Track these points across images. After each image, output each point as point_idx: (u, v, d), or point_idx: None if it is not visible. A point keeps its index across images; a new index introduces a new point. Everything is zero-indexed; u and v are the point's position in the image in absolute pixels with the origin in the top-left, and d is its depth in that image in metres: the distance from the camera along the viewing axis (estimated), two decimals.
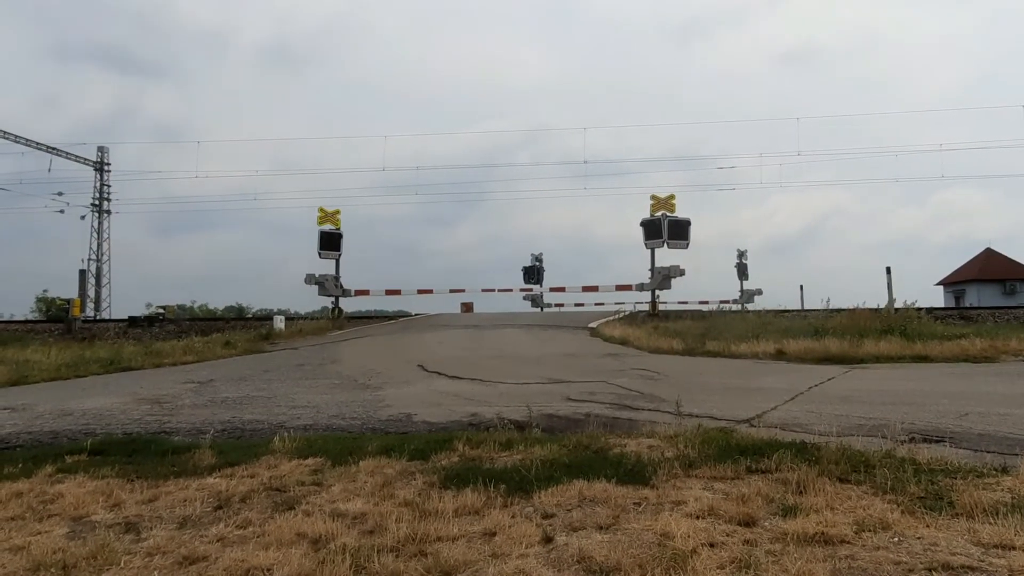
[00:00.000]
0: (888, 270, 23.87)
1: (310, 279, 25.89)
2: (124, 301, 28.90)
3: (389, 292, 27.34)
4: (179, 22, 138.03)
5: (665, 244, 23.05)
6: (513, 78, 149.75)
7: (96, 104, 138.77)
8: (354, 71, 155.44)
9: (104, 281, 43.21)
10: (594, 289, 26.28)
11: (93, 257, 42.37)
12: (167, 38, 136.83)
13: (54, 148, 41.74)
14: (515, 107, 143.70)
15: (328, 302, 26.73)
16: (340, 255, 24.96)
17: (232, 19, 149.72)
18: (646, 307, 24.74)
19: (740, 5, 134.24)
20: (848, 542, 3.41)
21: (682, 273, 24.35)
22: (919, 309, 18.82)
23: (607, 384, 9.90)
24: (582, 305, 27.98)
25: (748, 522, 3.77)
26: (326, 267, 25.90)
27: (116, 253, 44.11)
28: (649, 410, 7.84)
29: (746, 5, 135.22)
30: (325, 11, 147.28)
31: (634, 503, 4.23)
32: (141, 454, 6.24)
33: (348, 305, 27.57)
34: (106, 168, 45.19)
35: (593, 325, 20.04)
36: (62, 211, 42.11)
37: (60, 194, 42.08)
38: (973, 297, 35.49)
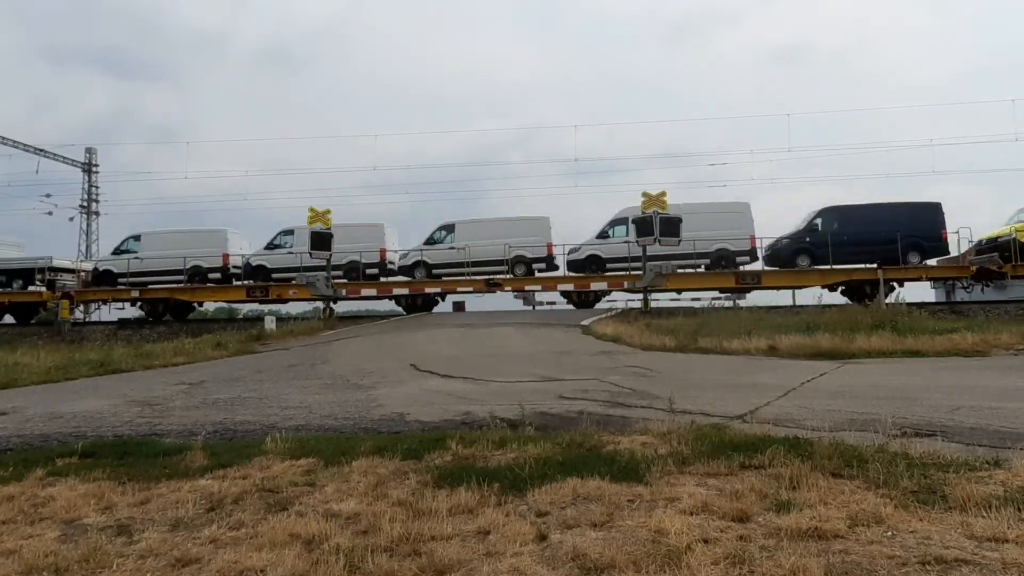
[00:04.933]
0: (879, 265, 23.99)
1: (301, 279, 25.81)
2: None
3: (381, 291, 27.27)
4: (176, 25, 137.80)
5: (657, 241, 23.03)
6: (506, 77, 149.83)
7: (93, 107, 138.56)
8: (347, 72, 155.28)
9: None
10: (586, 286, 26.29)
11: (82, 259, 41.95)
12: (164, 41, 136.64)
13: (42, 150, 41.48)
14: (508, 106, 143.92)
15: (319, 302, 26.66)
16: (331, 255, 24.86)
17: (228, 21, 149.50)
18: (638, 304, 24.76)
19: (733, 3, 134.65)
20: (842, 537, 3.42)
21: (674, 270, 24.38)
22: (909, 304, 18.99)
23: (600, 381, 9.90)
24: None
25: (742, 518, 3.78)
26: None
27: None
28: (642, 407, 7.85)
29: (738, 3, 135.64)
30: (320, 13, 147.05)
31: (628, 500, 4.23)
32: (132, 456, 6.21)
33: (339, 305, 27.53)
34: (94, 170, 44.94)
35: (585, 323, 20.02)
36: (50, 213, 41.91)
37: (48, 196, 41.87)
38: (964, 291, 35.66)
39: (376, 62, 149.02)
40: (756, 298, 27.45)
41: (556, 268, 26.98)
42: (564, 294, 27.34)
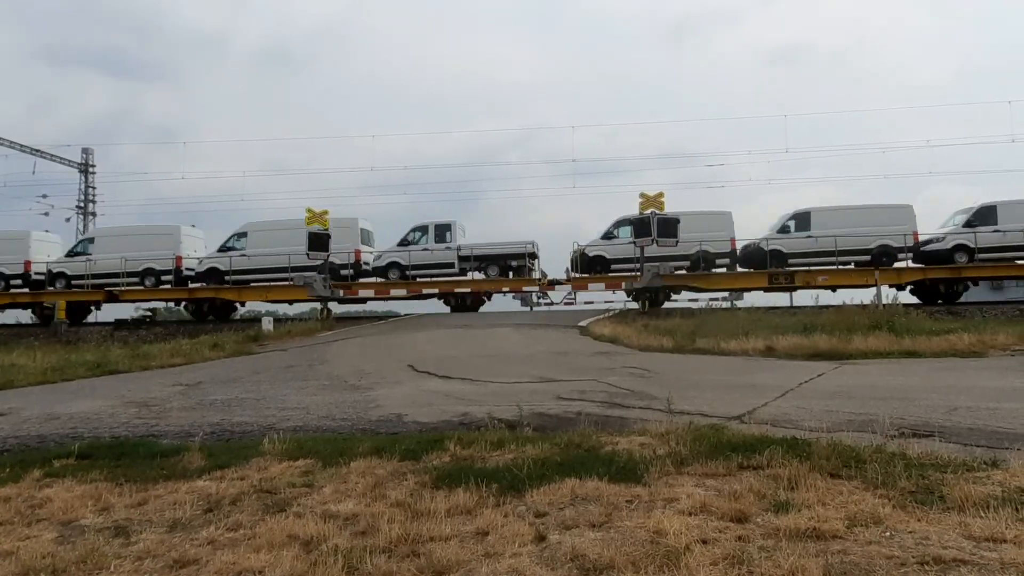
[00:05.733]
0: (876, 266, 24.05)
1: (299, 280, 25.77)
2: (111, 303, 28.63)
3: (379, 292, 27.24)
4: (176, 25, 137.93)
5: (654, 242, 23.06)
6: (506, 77, 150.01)
7: (93, 107, 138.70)
8: (347, 71, 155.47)
9: None
10: (584, 287, 26.34)
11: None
12: (164, 41, 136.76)
13: (38, 150, 41.38)
14: (507, 106, 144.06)
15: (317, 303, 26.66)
16: (329, 256, 24.83)
17: (228, 21, 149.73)
18: (636, 305, 24.80)
19: (730, 3, 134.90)
20: (840, 537, 3.43)
21: (672, 271, 24.40)
22: (906, 305, 19.09)
23: (598, 382, 9.90)
24: (572, 304, 27.99)
25: (740, 518, 3.78)
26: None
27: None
28: (640, 408, 7.85)
29: (736, 3, 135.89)
30: (320, 13, 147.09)
31: (626, 501, 4.23)
32: (129, 457, 6.21)
33: (337, 306, 27.49)
34: (91, 170, 44.85)
35: (583, 323, 20.03)
36: (47, 213, 41.76)
37: (44, 196, 41.76)
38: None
39: (376, 62, 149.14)
40: (753, 298, 27.52)
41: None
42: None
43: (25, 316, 31.44)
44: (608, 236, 26.40)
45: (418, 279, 26.65)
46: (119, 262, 26.87)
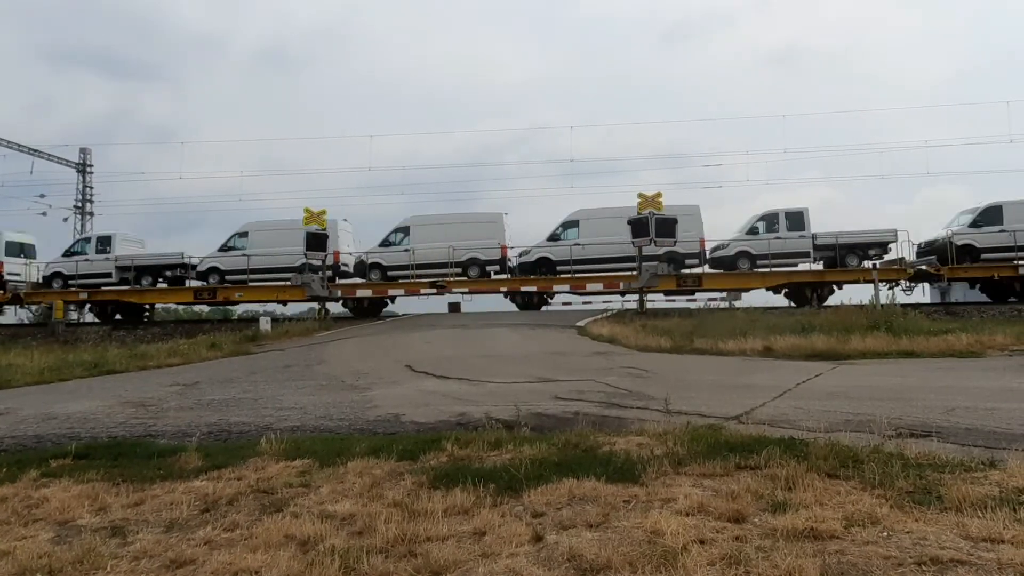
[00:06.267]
0: (874, 266, 24.06)
1: (296, 280, 25.74)
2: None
3: (377, 292, 27.21)
4: (175, 25, 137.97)
5: (652, 243, 23.05)
6: (505, 77, 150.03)
7: (92, 107, 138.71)
8: (347, 72, 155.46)
9: None
10: (582, 287, 26.33)
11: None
12: (163, 41, 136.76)
13: (36, 150, 41.26)
14: (504, 107, 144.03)
15: (315, 303, 26.63)
16: (327, 256, 24.79)
17: (227, 22, 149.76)
18: (634, 305, 24.80)
19: (728, 5, 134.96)
20: (837, 537, 3.42)
21: (669, 271, 24.39)
22: (904, 306, 19.11)
23: (595, 382, 9.90)
24: (569, 304, 27.97)
25: (738, 519, 3.78)
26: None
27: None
28: (638, 408, 7.85)
29: (734, 5, 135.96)
30: (320, 12, 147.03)
31: (624, 501, 4.22)
32: (127, 457, 6.20)
33: (335, 305, 27.44)
34: (89, 170, 44.76)
35: (581, 323, 20.01)
36: (44, 213, 41.65)
37: (42, 196, 41.67)
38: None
39: (375, 62, 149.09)
40: (752, 298, 27.48)
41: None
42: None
43: (25, 316, 31.24)
44: (976, 224, 24.17)
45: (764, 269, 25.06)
46: (445, 252, 25.41)
